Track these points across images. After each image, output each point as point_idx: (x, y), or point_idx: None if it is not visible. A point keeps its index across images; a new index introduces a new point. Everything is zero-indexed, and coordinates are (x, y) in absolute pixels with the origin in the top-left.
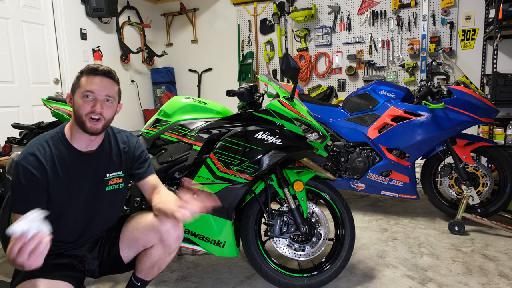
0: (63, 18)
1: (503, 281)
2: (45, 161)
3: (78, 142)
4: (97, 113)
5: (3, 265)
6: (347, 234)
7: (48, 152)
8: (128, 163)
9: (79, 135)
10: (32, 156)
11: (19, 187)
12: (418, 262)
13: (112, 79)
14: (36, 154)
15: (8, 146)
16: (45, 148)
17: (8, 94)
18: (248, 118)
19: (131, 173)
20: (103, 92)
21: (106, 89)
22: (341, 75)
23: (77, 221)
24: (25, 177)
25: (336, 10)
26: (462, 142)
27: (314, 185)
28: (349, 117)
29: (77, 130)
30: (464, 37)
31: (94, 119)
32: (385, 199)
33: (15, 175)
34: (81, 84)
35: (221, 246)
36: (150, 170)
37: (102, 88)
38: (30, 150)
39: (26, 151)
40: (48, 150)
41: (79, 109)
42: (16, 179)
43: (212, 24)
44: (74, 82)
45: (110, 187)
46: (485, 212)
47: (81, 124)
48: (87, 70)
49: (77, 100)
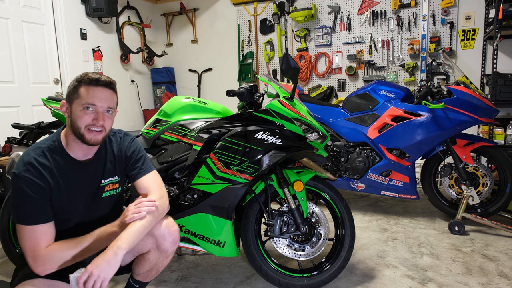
0: (63, 18)
1: (503, 281)
2: (45, 171)
3: (75, 152)
4: (99, 126)
5: (3, 265)
6: (347, 234)
7: (47, 162)
8: (122, 166)
9: (76, 145)
10: (31, 166)
11: (25, 198)
12: (418, 262)
13: (113, 90)
14: (36, 164)
15: (8, 146)
16: (43, 158)
17: (8, 94)
18: (248, 118)
19: (125, 174)
20: (105, 104)
21: (108, 101)
22: (341, 75)
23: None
24: (30, 187)
25: (336, 10)
26: (462, 142)
27: (314, 185)
28: (349, 117)
29: (74, 140)
30: (464, 37)
31: (94, 131)
32: (385, 199)
33: (17, 187)
34: (81, 95)
35: (221, 246)
36: (143, 170)
37: (104, 101)
38: (28, 160)
39: (23, 161)
40: (46, 161)
41: (78, 121)
42: (19, 191)
43: (212, 24)
44: (71, 91)
45: (107, 193)
46: (485, 212)
47: (80, 136)
48: (88, 80)
49: (76, 111)
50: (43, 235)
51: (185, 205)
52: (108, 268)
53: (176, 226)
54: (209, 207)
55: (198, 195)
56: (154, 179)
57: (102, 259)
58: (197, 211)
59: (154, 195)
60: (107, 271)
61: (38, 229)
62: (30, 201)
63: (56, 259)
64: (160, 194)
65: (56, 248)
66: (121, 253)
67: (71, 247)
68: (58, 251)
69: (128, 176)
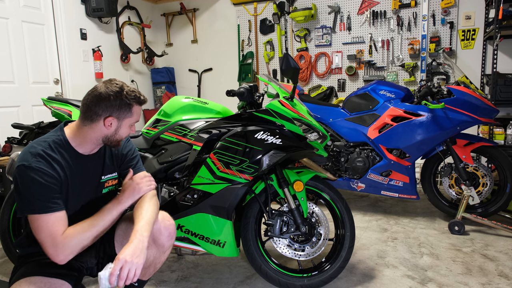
0: (63, 18)
1: (503, 281)
2: (54, 162)
3: (82, 148)
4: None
5: (3, 265)
6: (347, 234)
7: (54, 155)
8: (118, 163)
9: (89, 143)
10: (41, 157)
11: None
12: (418, 262)
13: None
14: (45, 156)
15: (8, 146)
16: (50, 150)
17: (8, 94)
18: (248, 118)
19: (120, 172)
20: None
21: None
22: (341, 75)
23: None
24: (43, 177)
25: (336, 10)
26: (462, 142)
27: (314, 185)
28: (349, 117)
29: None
30: (464, 37)
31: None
32: (385, 199)
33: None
34: (133, 114)
35: (221, 246)
36: (136, 169)
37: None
38: (36, 152)
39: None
40: (54, 153)
41: (122, 135)
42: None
43: (212, 24)
44: (124, 109)
45: (107, 189)
46: (485, 212)
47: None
48: (139, 100)
49: (125, 127)
50: (59, 223)
51: (185, 205)
52: (140, 254)
53: (172, 220)
54: (209, 207)
55: (198, 195)
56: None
57: (132, 247)
58: (197, 211)
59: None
60: (140, 257)
61: (53, 217)
62: (45, 190)
63: (75, 244)
64: (154, 192)
65: (73, 233)
66: (146, 240)
67: (86, 229)
68: (76, 236)
69: (122, 175)
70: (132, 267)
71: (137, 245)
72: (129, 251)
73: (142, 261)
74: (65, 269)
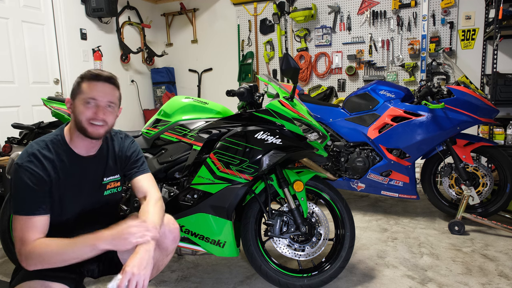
0: (63, 18)
1: (503, 281)
2: (47, 162)
3: (78, 147)
4: (100, 120)
5: (3, 265)
6: (347, 234)
7: (49, 155)
8: (122, 165)
9: (80, 140)
10: (34, 157)
11: (24, 188)
12: (418, 262)
13: (114, 85)
14: (38, 155)
15: (8, 146)
16: (46, 150)
17: (8, 94)
18: (248, 118)
19: (124, 174)
20: (105, 98)
21: (108, 95)
22: (341, 75)
23: (77, 225)
24: (31, 178)
25: (336, 10)
26: (462, 142)
27: (314, 185)
28: (349, 117)
29: (77, 135)
30: (464, 37)
31: (96, 125)
32: (385, 199)
33: (18, 177)
34: (83, 90)
35: (221, 246)
36: (141, 170)
37: (104, 95)
38: (31, 151)
39: (27, 153)
40: (49, 153)
41: (80, 115)
42: (19, 181)
43: (212, 24)
44: (74, 87)
45: (109, 191)
46: (485, 212)
47: (82, 130)
48: (89, 76)
49: (78, 106)
50: (34, 229)
51: (185, 205)
52: (148, 265)
53: (177, 224)
54: (209, 207)
55: (198, 195)
56: (151, 179)
57: (139, 258)
58: (197, 211)
59: (155, 195)
60: (147, 268)
61: (31, 221)
62: (29, 192)
63: (41, 257)
64: (159, 195)
65: (41, 245)
66: (153, 249)
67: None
68: (44, 249)
69: (126, 175)
70: (140, 280)
71: (143, 256)
72: (136, 262)
73: (149, 272)
74: (65, 272)
